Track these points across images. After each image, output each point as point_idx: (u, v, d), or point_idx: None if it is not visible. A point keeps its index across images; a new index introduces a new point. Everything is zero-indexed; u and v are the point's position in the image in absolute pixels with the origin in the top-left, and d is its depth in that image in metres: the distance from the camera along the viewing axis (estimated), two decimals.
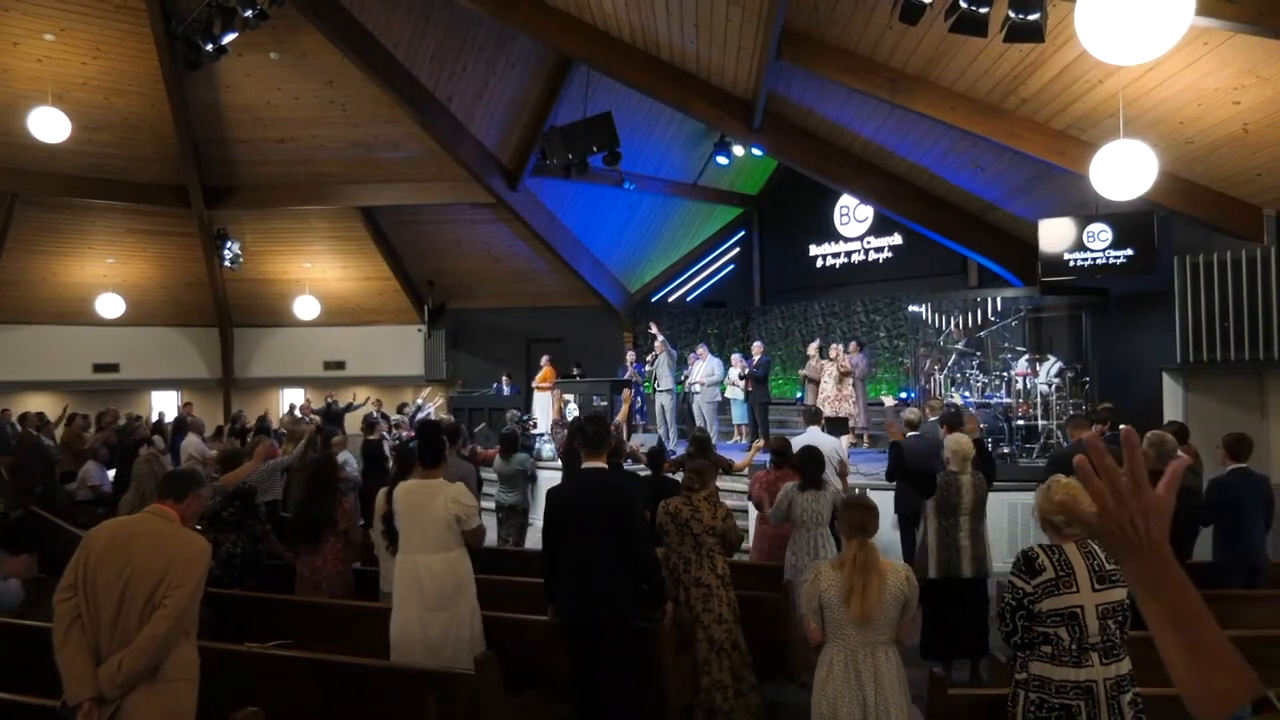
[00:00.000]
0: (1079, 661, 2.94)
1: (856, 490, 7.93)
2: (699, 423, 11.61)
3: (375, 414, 11.55)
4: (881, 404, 11.71)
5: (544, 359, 13.78)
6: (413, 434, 10.63)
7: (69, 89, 11.28)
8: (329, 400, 13.11)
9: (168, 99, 11.80)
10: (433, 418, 11.72)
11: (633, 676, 4.04)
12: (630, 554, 4.00)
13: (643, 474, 6.37)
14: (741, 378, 11.85)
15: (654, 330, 12.39)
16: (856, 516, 3.52)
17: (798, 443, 6.51)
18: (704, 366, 11.95)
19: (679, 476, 6.60)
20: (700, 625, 4.66)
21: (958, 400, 9.70)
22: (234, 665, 3.93)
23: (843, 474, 7.12)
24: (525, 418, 12.58)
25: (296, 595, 5.29)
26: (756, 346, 12.14)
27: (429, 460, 4.38)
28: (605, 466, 4.18)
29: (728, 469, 7.19)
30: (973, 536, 5.24)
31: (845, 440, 9.89)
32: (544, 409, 13.18)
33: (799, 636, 5.38)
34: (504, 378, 14.63)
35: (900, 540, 7.37)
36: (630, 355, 13.50)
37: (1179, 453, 5.41)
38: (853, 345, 11.94)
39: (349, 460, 7.43)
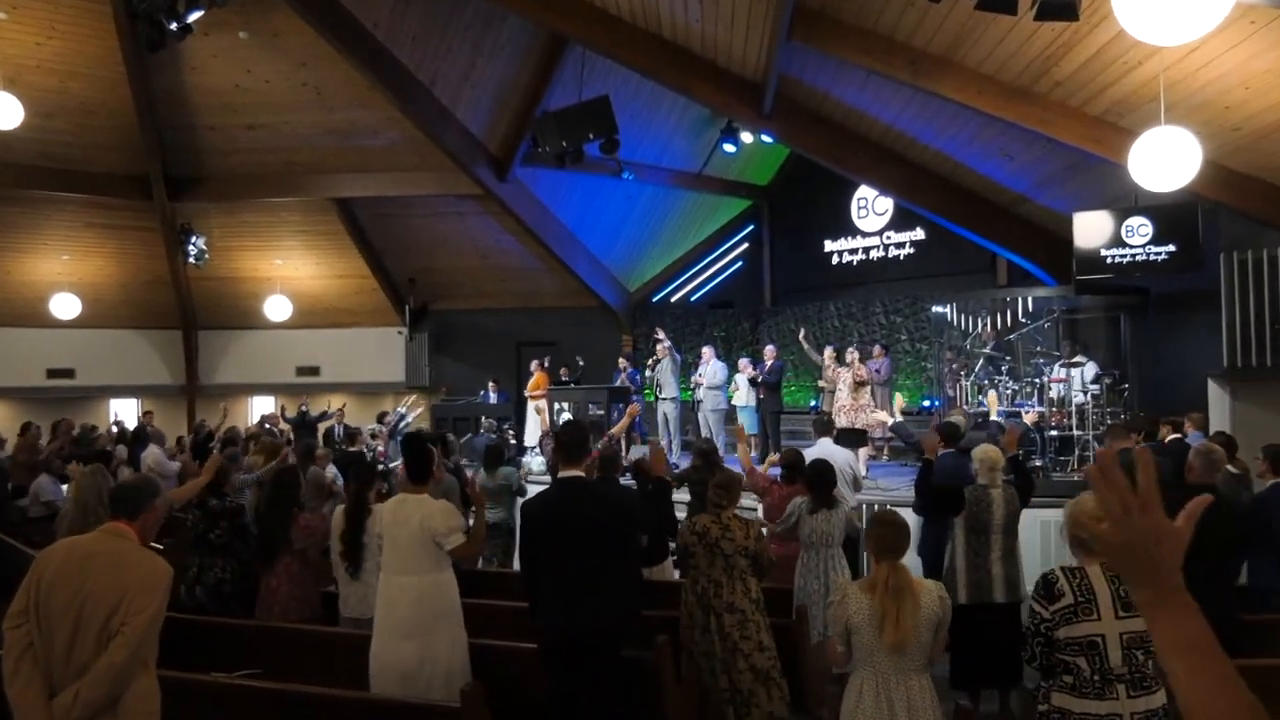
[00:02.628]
0: (1102, 693, 2.94)
1: (878, 507, 7.91)
2: (704, 432, 11.58)
3: (339, 427, 11.56)
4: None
5: (534, 364, 13.78)
6: (384, 450, 10.66)
7: (21, 71, 11.28)
8: (302, 408, 13.12)
9: (128, 82, 11.81)
10: (411, 428, 11.72)
11: (621, 705, 3.99)
12: (624, 560, 3.98)
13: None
14: (753, 384, 11.82)
15: (660, 336, 12.38)
16: (888, 536, 3.49)
17: (808, 455, 6.51)
18: (706, 370, 11.94)
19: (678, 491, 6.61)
20: (740, 654, 4.57)
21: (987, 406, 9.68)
22: (199, 696, 3.92)
23: (855, 490, 7.10)
24: (504, 425, 12.52)
25: (257, 618, 5.29)
26: (769, 350, 12.08)
27: (415, 475, 4.39)
28: (583, 475, 4.16)
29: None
30: (1005, 557, 5.22)
31: (863, 453, 9.88)
32: (533, 419, 13.17)
33: (814, 667, 5.38)
34: (491, 384, 14.62)
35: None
36: (623, 361, 13.48)
37: (1228, 466, 5.41)
38: (876, 349, 11.89)
39: (339, 475, 7.46)
